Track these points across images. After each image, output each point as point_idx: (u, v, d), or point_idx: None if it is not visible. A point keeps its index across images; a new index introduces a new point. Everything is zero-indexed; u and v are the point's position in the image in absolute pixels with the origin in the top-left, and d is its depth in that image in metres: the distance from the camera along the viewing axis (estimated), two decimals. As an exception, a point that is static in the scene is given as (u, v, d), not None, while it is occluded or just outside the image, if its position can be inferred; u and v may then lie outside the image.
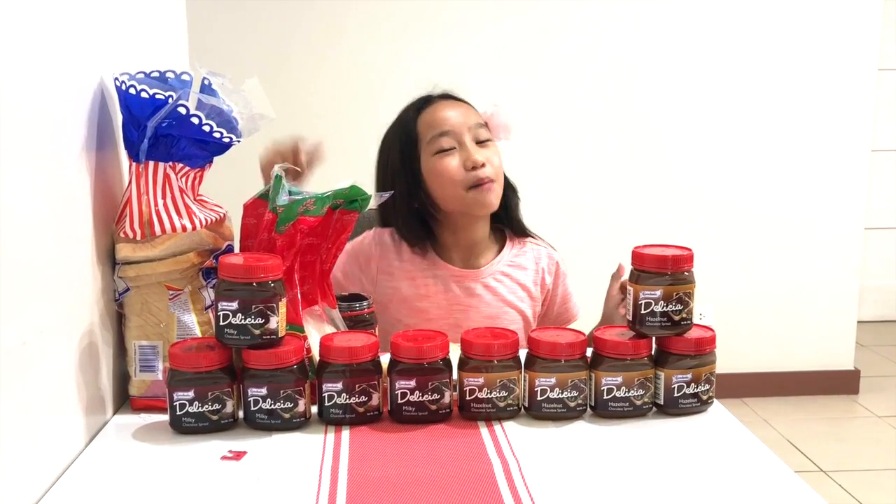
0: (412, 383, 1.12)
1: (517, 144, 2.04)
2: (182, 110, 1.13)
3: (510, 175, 1.62)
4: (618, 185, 3.22)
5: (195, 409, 1.09)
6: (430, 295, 1.56)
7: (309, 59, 3.07)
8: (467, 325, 1.54)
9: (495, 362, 1.13)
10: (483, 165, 1.49)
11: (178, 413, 1.09)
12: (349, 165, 1.61)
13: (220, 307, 1.09)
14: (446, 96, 1.59)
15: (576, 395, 1.14)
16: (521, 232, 1.64)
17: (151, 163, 1.16)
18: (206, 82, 1.19)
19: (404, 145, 1.54)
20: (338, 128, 3.03)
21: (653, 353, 1.18)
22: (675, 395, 1.15)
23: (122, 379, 1.22)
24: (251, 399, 1.10)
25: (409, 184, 1.53)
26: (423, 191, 1.53)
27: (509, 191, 1.61)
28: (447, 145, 1.50)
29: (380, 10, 3.05)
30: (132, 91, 1.13)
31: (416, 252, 1.57)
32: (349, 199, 1.23)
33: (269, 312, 1.08)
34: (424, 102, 1.57)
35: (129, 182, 1.17)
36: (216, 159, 1.24)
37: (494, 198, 1.52)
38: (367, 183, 1.60)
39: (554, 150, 3.16)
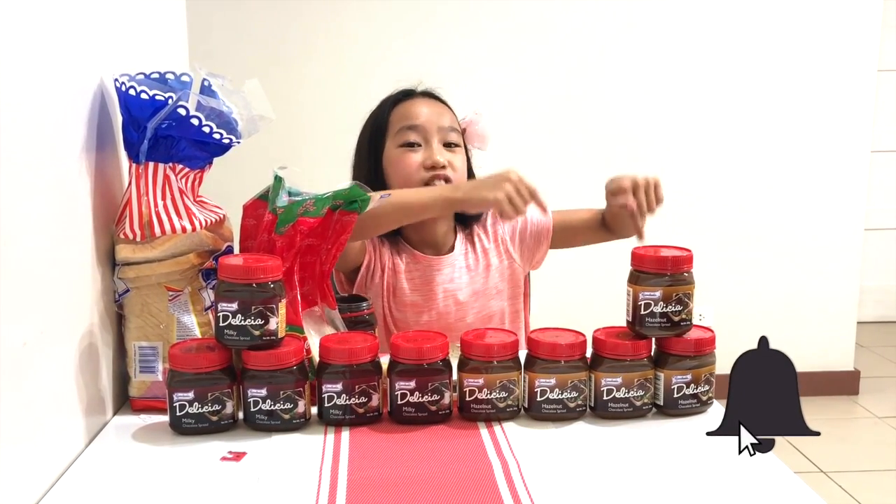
0: (412, 384, 1.12)
1: (513, 146, 2.05)
2: (182, 111, 1.13)
3: None
4: (618, 186, 3.21)
5: (195, 410, 1.09)
6: (416, 288, 1.57)
7: (309, 61, 3.07)
8: (455, 309, 1.56)
9: (495, 363, 1.13)
10: (443, 167, 1.49)
11: (178, 414, 1.09)
12: (349, 166, 1.62)
13: (219, 308, 1.09)
14: (428, 94, 1.59)
15: (575, 395, 1.14)
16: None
17: (151, 164, 1.16)
18: (205, 83, 1.20)
19: (373, 132, 1.56)
20: (337, 129, 3.03)
21: (652, 353, 1.18)
22: (675, 395, 1.15)
23: (122, 380, 1.22)
24: (251, 400, 1.10)
25: (369, 170, 1.55)
26: (381, 180, 1.54)
27: None
28: (413, 140, 1.51)
29: (380, 11, 3.06)
30: (132, 92, 1.13)
31: (399, 246, 1.58)
32: (349, 200, 1.23)
33: (268, 313, 1.08)
34: (404, 96, 1.58)
35: (129, 183, 1.17)
36: (216, 160, 1.24)
37: None
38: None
39: (553, 151, 3.16)
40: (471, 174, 1.61)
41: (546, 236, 1.63)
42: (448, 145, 1.53)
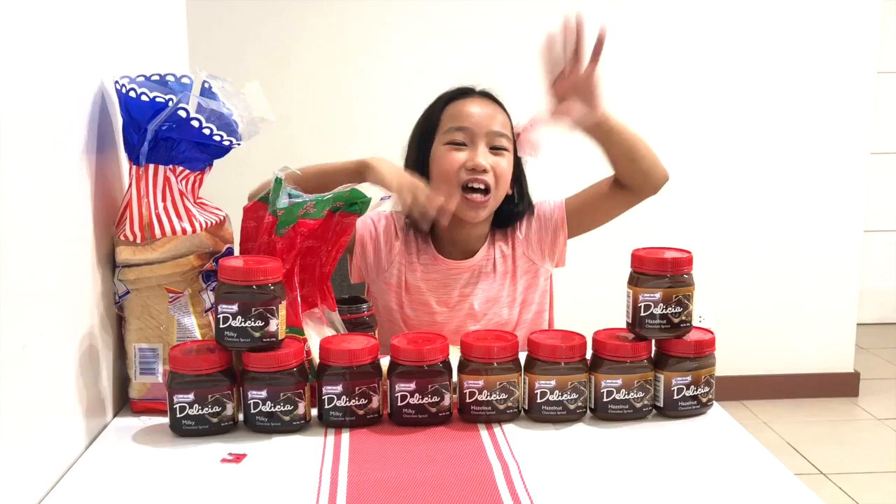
0: (412, 386, 1.12)
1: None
2: (182, 113, 1.14)
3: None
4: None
5: (195, 412, 1.09)
6: (432, 289, 1.57)
7: (309, 63, 3.07)
8: (467, 315, 1.56)
9: (495, 365, 1.13)
10: (484, 171, 1.48)
11: (178, 416, 1.09)
12: (349, 168, 1.62)
13: (219, 310, 1.09)
14: (484, 95, 1.57)
15: (575, 397, 1.14)
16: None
17: (151, 166, 1.16)
18: (206, 85, 1.20)
19: (425, 127, 1.56)
20: (337, 130, 3.04)
21: (652, 355, 1.18)
22: (675, 397, 1.15)
23: (122, 381, 1.22)
24: (251, 402, 1.10)
25: (416, 163, 1.56)
26: (426, 174, 1.54)
27: (517, 206, 1.59)
28: (460, 140, 1.51)
29: (380, 12, 3.06)
30: (132, 94, 1.13)
31: (420, 244, 1.58)
32: (349, 202, 1.23)
33: (268, 315, 1.09)
34: (460, 94, 1.56)
35: (130, 185, 1.17)
36: (216, 162, 1.24)
37: (482, 212, 1.51)
38: (368, 186, 1.61)
39: (552, 152, 3.16)
40: (521, 180, 1.59)
41: (562, 225, 1.60)
42: (495, 149, 1.51)
